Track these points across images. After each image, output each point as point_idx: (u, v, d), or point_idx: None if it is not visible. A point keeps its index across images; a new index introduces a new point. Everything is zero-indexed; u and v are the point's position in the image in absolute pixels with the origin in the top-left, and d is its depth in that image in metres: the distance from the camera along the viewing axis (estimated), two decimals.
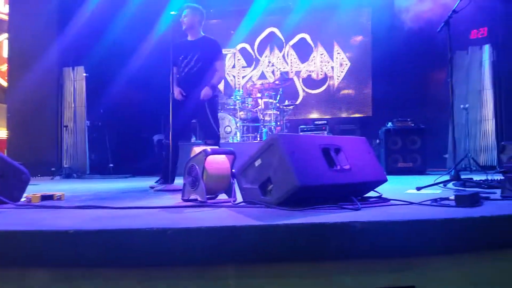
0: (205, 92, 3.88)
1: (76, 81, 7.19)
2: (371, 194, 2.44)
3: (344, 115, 8.21)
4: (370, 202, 2.21)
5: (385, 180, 2.40)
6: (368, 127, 7.42)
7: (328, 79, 8.41)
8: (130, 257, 1.51)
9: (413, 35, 6.82)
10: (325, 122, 7.13)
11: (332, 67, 8.41)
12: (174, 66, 3.99)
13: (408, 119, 5.83)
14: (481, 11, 6.57)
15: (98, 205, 2.32)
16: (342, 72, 8.36)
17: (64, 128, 7.11)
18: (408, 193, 2.83)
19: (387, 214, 1.84)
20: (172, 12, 3.70)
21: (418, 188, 2.89)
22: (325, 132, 6.87)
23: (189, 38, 4.01)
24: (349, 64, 8.33)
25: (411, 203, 2.11)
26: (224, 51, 8.68)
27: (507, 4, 6.08)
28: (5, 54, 13.55)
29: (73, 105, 7.16)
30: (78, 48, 7.18)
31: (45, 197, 2.65)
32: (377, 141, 6.41)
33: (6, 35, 12.49)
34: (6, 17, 14.23)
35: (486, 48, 6.64)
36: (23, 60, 6.99)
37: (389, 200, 2.23)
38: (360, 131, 7.45)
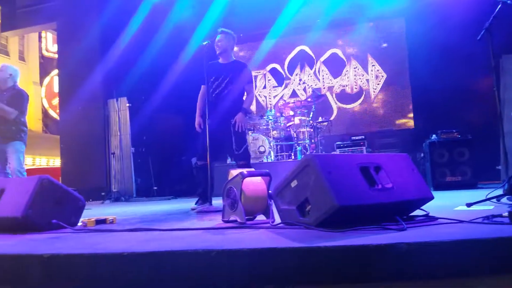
0: (240, 118, 3.90)
1: (120, 111, 7.57)
2: (417, 212, 2.33)
3: (383, 129, 7.92)
4: (417, 222, 2.11)
5: (431, 198, 2.29)
6: (410, 140, 7.15)
7: (364, 93, 8.22)
8: (176, 278, 1.55)
9: (452, 41, 6.56)
10: (363, 137, 6.80)
11: (367, 80, 8.20)
12: (204, 85, 4.01)
13: (454, 130, 5.53)
14: None
15: (147, 227, 2.42)
16: (378, 84, 8.12)
17: (112, 155, 7.51)
18: (458, 210, 2.68)
19: (435, 233, 1.75)
20: (205, 43, 3.82)
21: (468, 205, 2.73)
22: (364, 147, 6.61)
23: (221, 61, 4.06)
24: (385, 75, 8.07)
25: (461, 221, 2.00)
26: (254, 72, 8.89)
27: None
28: (56, 89, 14.58)
29: (118, 134, 7.52)
30: (120, 80, 7.57)
31: (99, 221, 2.82)
32: (421, 154, 6.13)
33: (56, 71, 13.45)
34: (55, 56, 15.37)
35: None
36: (71, 94, 7.50)
37: (437, 218, 2.12)
38: (402, 145, 7.19)
